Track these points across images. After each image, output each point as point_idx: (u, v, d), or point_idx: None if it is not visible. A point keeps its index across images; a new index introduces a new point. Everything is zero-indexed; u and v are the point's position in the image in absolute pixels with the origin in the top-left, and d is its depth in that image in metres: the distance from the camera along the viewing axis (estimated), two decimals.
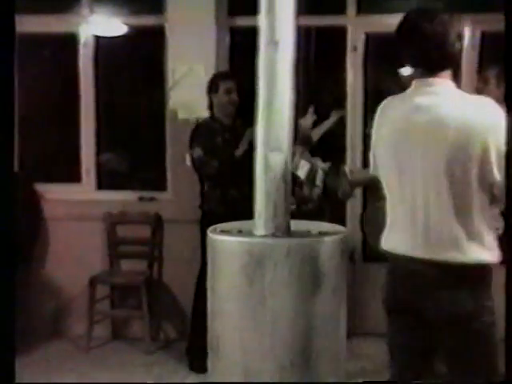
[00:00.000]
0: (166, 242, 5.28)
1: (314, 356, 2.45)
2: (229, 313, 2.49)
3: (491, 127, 2.42)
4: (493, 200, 2.50)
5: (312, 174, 3.63)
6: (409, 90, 2.61)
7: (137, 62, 5.59)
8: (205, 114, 4.79)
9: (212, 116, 4.63)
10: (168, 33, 5.09)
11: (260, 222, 2.46)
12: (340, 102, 5.13)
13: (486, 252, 2.50)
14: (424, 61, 2.55)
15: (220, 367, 2.55)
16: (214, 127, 4.56)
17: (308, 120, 4.31)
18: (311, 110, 4.18)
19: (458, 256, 2.49)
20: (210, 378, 2.66)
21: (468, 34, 4.96)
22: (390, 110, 2.65)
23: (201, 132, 4.58)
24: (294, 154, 3.72)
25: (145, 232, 5.24)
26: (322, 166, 3.65)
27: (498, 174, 2.41)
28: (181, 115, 5.09)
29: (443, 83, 2.54)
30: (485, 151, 2.41)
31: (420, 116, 2.50)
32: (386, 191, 2.70)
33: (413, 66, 2.62)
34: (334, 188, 3.57)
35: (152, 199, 5.28)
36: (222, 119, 4.59)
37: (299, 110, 4.46)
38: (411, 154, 2.53)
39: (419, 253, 2.56)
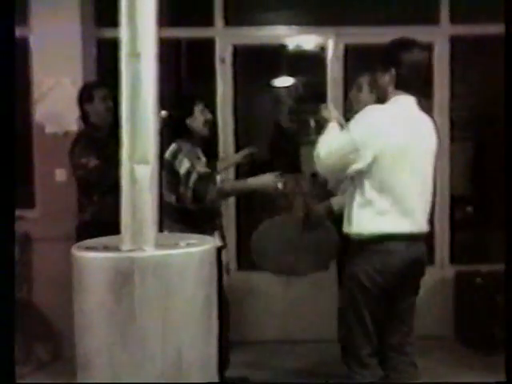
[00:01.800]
0: (34, 262, 5.08)
1: (186, 367, 2.44)
2: (97, 330, 2.43)
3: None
4: None
5: (187, 173, 3.61)
6: (392, 103, 3.09)
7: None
8: (73, 127, 4.67)
9: (92, 125, 4.43)
10: (32, 45, 4.93)
11: (127, 236, 2.42)
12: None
13: None
14: (416, 83, 3.12)
15: None
16: (98, 136, 4.38)
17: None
18: (200, 107, 4.09)
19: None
20: None
21: (332, 46, 5.13)
22: (386, 119, 3.04)
23: (87, 142, 4.38)
24: (180, 150, 3.74)
25: None
26: (199, 168, 3.63)
27: None
28: (48, 129, 4.93)
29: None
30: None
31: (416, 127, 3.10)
32: (379, 185, 3.01)
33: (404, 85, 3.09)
34: (202, 193, 3.58)
35: (21, 218, 5.08)
36: (102, 127, 4.41)
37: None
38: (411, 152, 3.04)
39: (411, 229, 3.05)
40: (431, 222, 5.21)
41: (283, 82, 5.69)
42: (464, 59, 5.35)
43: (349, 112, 3.67)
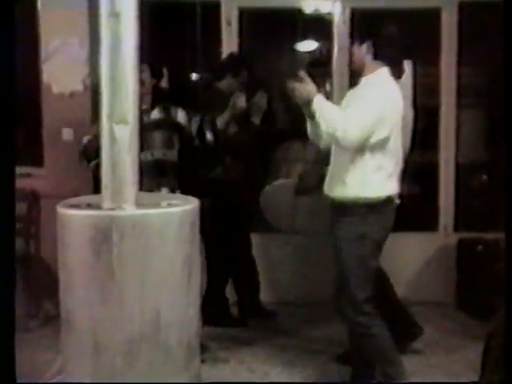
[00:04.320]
0: (43, 218, 5.17)
1: (164, 327, 2.48)
2: (78, 287, 2.49)
3: None
4: None
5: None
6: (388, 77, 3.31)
7: None
8: (79, 87, 4.71)
9: None
10: (40, 5, 4.95)
11: (107, 195, 2.46)
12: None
13: None
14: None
15: (71, 340, 2.56)
16: None
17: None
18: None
19: None
20: (62, 351, 2.66)
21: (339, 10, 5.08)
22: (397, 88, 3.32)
23: None
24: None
25: (21, 209, 5.12)
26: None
27: None
28: (55, 89, 4.98)
29: None
30: None
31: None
32: (386, 149, 3.24)
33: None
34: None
35: (28, 175, 5.16)
36: None
37: None
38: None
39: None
40: (436, 189, 5.27)
41: (305, 46, 5.66)
42: (473, 25, 5.26)
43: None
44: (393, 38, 3.36)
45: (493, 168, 5.75)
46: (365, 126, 3.14)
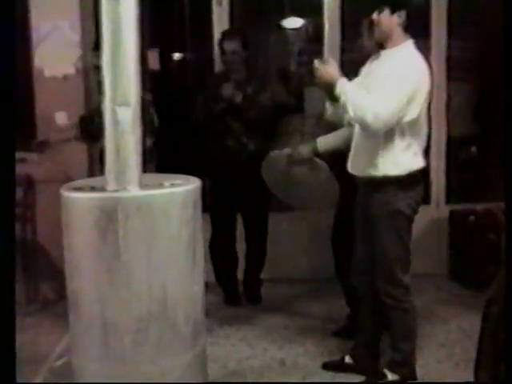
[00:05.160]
0: (38, 203, 5.19)
1: (171, 305, 2.53)
2: (85, 268, 2.53)
3: None
4: None
5: None
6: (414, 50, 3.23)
7: None
8: (72, 70, 4.71)
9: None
10: None
11: (111, 177, 2.49)
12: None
13: None
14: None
15: (79, 322, 2.60)
16: None
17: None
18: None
19: None
20: (71, 331, 2.71)
21: None
22: (424, 65, 3.24)
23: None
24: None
25: (17, 194, 5.13)
26: None
27: None
28: (47, 73, 4.97)
29: None
30: None
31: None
32: (415, 128, 3.24)
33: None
34: None
35: (22, 160, 5.16)
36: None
37: None
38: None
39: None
40: (428, 162, 5.32)
41: (292, 23, 5.66)
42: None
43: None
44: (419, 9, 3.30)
45: (482, 140, 5.81)
46: (396, 108, 3.08)
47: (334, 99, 3.17)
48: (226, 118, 4.51)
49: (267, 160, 4.03)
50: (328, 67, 3.17)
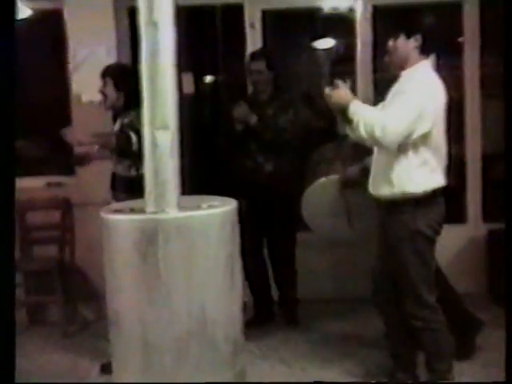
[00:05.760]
0: (76, 226, 5.27)
1: (210, 325, 2.55)
2: (125, 289, 2.57)
3: None
4: None
5: None
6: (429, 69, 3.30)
7: (38, 47, 5.51)
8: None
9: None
10: (67, 17, 5.05)
11: (150, 199, 2.53)
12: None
13: None
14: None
15: (121, 341, 2.63)
16: None
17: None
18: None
19: None
20: (112, 351, 2.74)
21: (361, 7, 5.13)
22: (437, 81, 3.30)
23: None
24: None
25: (54, 217, 5.22)
26: None
27: None
28: (85, 98, 5.07)
29: None
30: None
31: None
32: (429, 144, 3.22)
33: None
34: None
35: (59, 184, 5.27)
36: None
37: None
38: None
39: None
40: (464, 180, 5.29)
41: (323, 44, 5.71)
42: (493, 18, 5.28)
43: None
44: (432, 30, 3.37)
45: None
46: (403, 123, 3.10)
47: (350, 122, 3.19)
48: (245, 138, 4.52)
49: (313, 189, 3.93)
50: (339, 91, 3.20)
